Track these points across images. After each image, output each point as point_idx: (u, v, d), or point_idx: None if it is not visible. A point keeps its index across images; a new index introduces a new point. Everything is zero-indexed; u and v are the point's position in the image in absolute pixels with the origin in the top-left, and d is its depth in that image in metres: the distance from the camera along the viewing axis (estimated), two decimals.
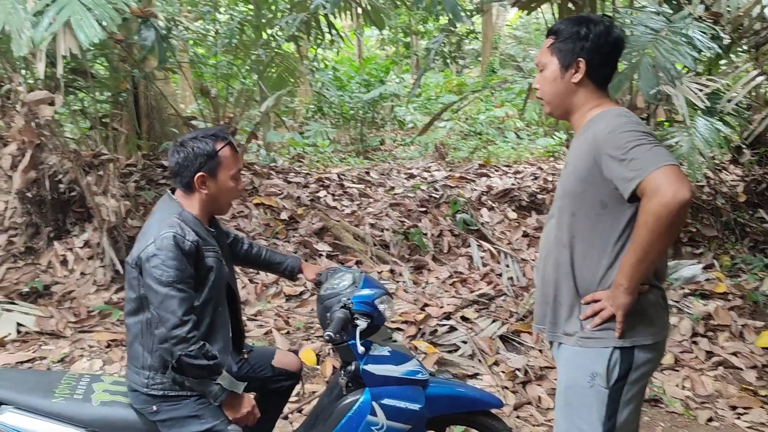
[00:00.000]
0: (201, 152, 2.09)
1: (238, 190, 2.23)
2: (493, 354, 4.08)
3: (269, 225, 5.56)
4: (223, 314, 2.20)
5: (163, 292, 1.96)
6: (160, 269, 1.97)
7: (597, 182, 1.81)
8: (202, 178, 2.10)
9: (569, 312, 1.93)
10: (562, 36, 1.93)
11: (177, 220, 2.05)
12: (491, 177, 6.99)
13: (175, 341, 1.94)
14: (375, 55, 21.28)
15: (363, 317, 2.18)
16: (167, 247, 1.98)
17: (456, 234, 5.87)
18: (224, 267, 2.21)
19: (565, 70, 1.92)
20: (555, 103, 1.99)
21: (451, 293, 4.95)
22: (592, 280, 1.87)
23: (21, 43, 3.51)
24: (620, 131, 1.77)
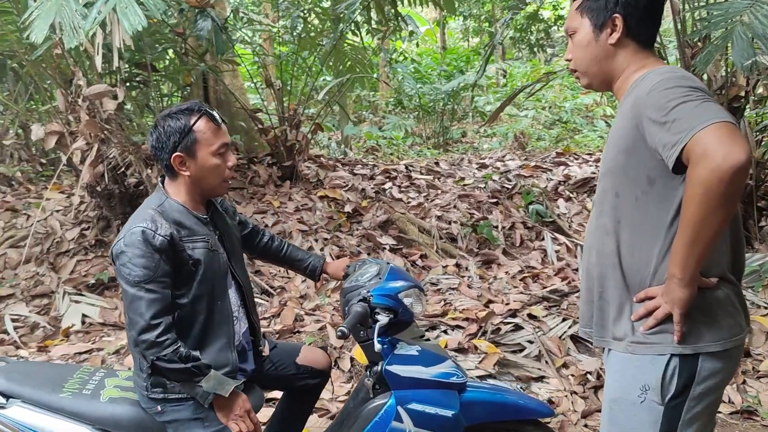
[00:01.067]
0: (173, 130, 1.90)
1: (226, 167, 1.98)
2: (562, 355, 3.73)
3: (332, 218, 5.42)
4: (223, 309, 2.02)
5: (131, 293, 1.80)
6: (127, 268, 1.81)
7: (641, 154, 1.49)
8: (179, 158, 1.92)
9: (618, 312, 1.61)
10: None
11: (152, 212, 1.89)
12: (570, 165, 6.53)
13: (145, 346, 1.78)
14: (459, 46, 20.86)
15: (384, 312, 1.95)
16: (135, 244, 1.81)
17: (529, 226, 5.51)
18: (220, 257, 2.02)
19: (600, 31, 1.62)
20: (592, 72, 1.68)
21: (519, 289, 4.62)
22: (643, 273, 1.55)
23: (72, 35, 3.51)
24: (662, 89, 1.44)
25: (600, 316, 1.67)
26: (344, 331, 1.80)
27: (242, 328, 2.15)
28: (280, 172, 5.84)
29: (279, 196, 5.66)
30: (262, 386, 2.36)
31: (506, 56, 22.55)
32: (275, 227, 5.24)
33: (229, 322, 2.04)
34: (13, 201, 5.68)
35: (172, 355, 1.79)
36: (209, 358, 1.94)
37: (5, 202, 5.65)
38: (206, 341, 1.98)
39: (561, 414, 3.34)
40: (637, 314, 1.55)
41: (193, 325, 1.94)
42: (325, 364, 2.39)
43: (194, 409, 1.89)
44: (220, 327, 2.01)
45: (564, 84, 12.99)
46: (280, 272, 4.85)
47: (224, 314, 2.03)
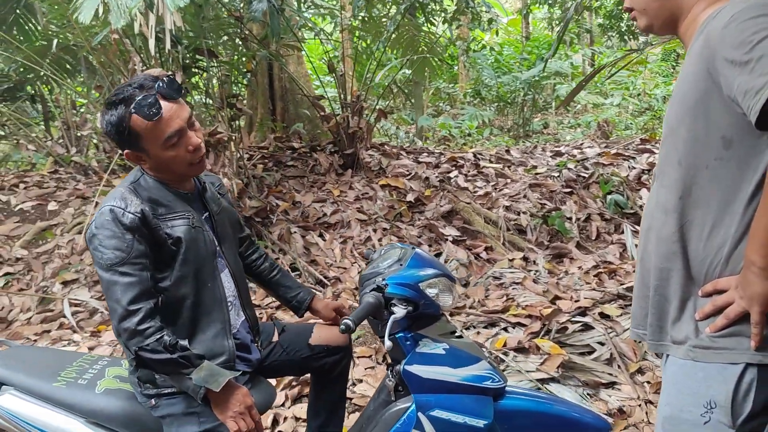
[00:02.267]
0: (112, 126, 1.68)
1: (187, 152, 1.73)
2: (637, 360, 3.33)
3: (393, 207, 5.18)
4: (215, 292, 1.82)
5: (106, 278, 1.63)
6: (99, 251, 1.64)
7: (714, 108, 1.16)
8: (130, 156, 1.73)
9: (679, 310, 1.28)
10: None
11: (123, 189, 1.71)
12: (655, 153, 5.96)
13: (127, 335, 1.61)
14: (544, 35, 20.10)
15: (402, 303, 1.68)
16: (104, 224, 1.64)
17: (607, 218, 5.05)
18: (205, 235, 1.82)
19: None
20: (653, 10, 1.35)
21: (592, 285, 4.20)
22: (713, 261, 1.22)
23: (119, 14, 3.45)
24: (742, 20, 1.10)
25: (656, 315, 1.34)
26: (349, 325, 1.54)
27: (240, 317, 1.96)
28: (341, 160, 5.66)
29: (339, 185, 5.48)
30: (276, 374, 2.17)
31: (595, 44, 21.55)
32: (334, 216, 5.07)
33: (222, 308, 1.84)
34: (84, 189, 5.79)
35: (155, 344, 1.60)
36: (203, 347, 1.75)
37: (77, 190, 5.77)
38: (198, 328, 1.79)
39: (632, 426, 2.96)
40: (702, 312, 1.22)
41: (180, 310, 1.76)
42: (342, 340, 2.16)
43: (188, 402, 1.71)
44: (212, 312, 1.81)
45: (655, 70, 12.13)
46: (336, 261, 4.66)
47: (216, 298, 1.83)
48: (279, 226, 4.80)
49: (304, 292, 2.24)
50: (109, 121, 1.69)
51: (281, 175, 5.47)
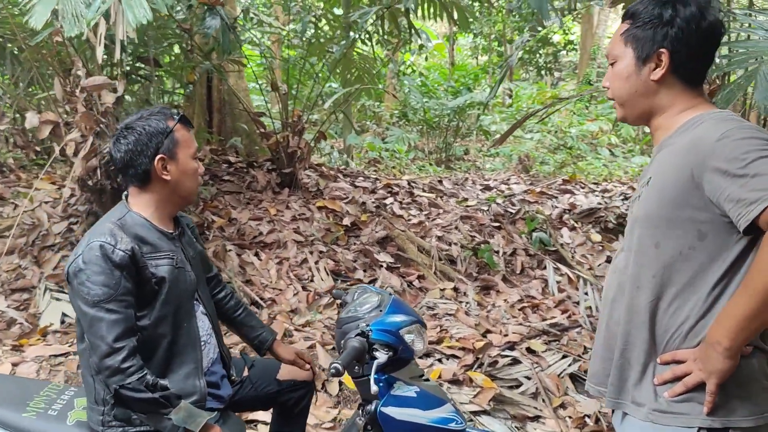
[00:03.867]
0: (155, 131, 1.80)
1: (199, 173, 1.92)
2: (560, 395, 3.56)
3: (330, 230, 5.25)
4: (190, 332, 1.86)
5: (91, 314, 1.64)
6: (86, 286, 1.65)
7: (694, 205, 1.34)
8: (162, 161, 1.80)
9: (640, 374, 1.45)
10: (640, 20, 1.47)
11: (111, 225, 1.74)
12: (576, 194, 6.38)
13: (108, 373, 1.62)
14: (467, 63, 20.82)
15: (383, 348, 1.78)
16: (93, 260, 1.66)
17: (531, 254, 5.35)
18: (187, 275, 1.87)
19: (642, 64, 1.47)
20: (630, 106, 1.53)
21: (518, 319, 4.45)
22: (675, 333, 1.40)
23: (73, 23, 3.36)
24: (736, 137, 1.28)
25: (618, 376, 1.50)
26: (338, 369, 1.62)
27: (213, 353, 2.00)
28: (279, 178, 5.67)
29: (276, 204, 5.49)
30: (243, 408, 2.22)
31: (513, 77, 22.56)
32: (270, 235, 5.07)
33: (195, 347, 1.88)
34: (1, 189, 5.49)
35: (137, 383, 1.63)
36: (175, 387, 1.78)
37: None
38: (171, 367, 1.82)
39: None
40: (662, 377, 1.39)
41: (156, 349, 1.78)
42: (306, 375, 2.26)
43: None
44: (185, 352, 1.85)
45: (571, 109, 12.88)
46: (272, 283, 4.67)
47: (191, 338, 1.87)
48: (214, 243, 4.76)
49: (266, 332, 2.30)
50: (151, 127, 1.80)
51: (217, 190, 5.42)
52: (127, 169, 1.82)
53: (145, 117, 1.84)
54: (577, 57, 22.25)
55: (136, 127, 1.81)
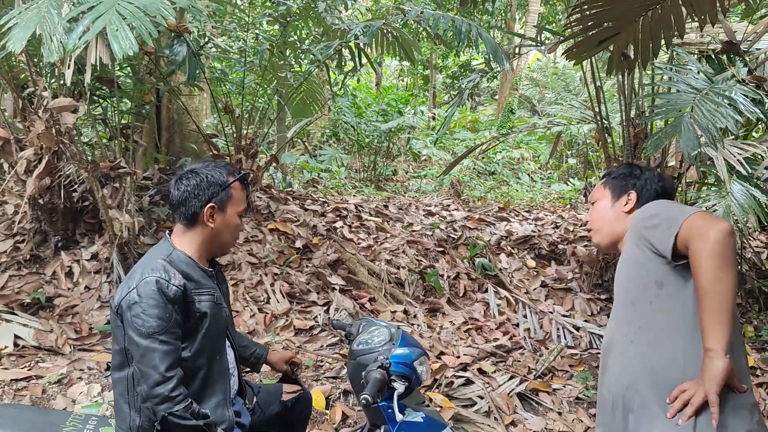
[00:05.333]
0: (214, 181, 1.99)
1: (241, 229, 2.13)
2: (510, 413, 3.88)
3: (283, 252, 5.39)
4: (221, 364, 2.03)
5: (144, 345, 1.78)
6: (140, 318, 1.80)
7: (646, 265, 1.78)
8: (211, 209, 1.98)
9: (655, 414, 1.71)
10: (615, 174, 2.11)
11: (163, 262, 1.90)
12: (511, 222, 6.82)
13: (158, 400, 1.77)
14: (393, 84, 21.33)
15: (401, 379, 2.01)
16: (149, 294, 1.81)
17: (473, 278, 5.69)
18: (224, 311, 2.05)
19: (616, 200, 2.05)
20: (604, 231, 2.07)
21: (467, 341, 4.76)
22: (673, 372, 1.70)
23: (52, 48, 3.38)
24: (649, 210, 1.87)
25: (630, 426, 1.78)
26: (368, 399, 1.83)
27: (236, 385, 2.17)
28: None
29: None
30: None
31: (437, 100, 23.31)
32: (224, 257, 5.15)
33: (225, 379, 2.05)
34: None
35: (184, 411, 1.78)
36: (212, 414, 1.93)
37: None
38: (204, 397, 1.97)
39: None
40: (673, 408, 1.65)
41: (193, 380, 1.93)
42: (304, 392, 2.47)
43: None
44: (217, 382, 2.01)
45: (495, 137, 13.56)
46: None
47: (222, 369, 2.04)
48: None
49: (259, 348, 2.49)
50: (213, 177, 1.98)
51: (168, 211, 5.43)
52: (179, 207, 1.98)
53: (211, 167, 2.02)
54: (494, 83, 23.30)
55: (200, 173, 1.99)
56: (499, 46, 4.39)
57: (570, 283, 5.74)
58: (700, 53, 5.09)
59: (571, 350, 4.74)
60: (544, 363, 4.45)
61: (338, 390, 3.87)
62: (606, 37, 3.33)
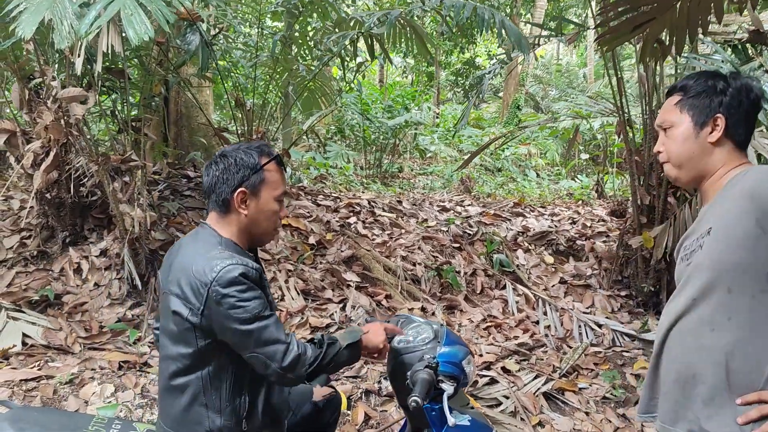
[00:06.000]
0: (244, 164, 1.82)
1: (281, 216, 1.95)
2: (537, 413, 3.74)
3: (296, 249, 5.25)
4: None
5: (256, 327, 1.68)
6: (239, 306, 1.67)
7: (760, 249, 1.50)
8: (242, 194, 1.82)
9: (710, 408, 1.57)
10: (694, 91, 1.71)
11: (223, 250, 1.77)
12: (527, 217, 6.68)
13: (294, 366, 1.71)
14: (396, 81, 21.18)
15: (449, 380, 1.87)
16: (233, 281, 1.68)
17: (490, 274, 5.55)
18: (272, 302, 1.93)
19: (700, 128, 1.68)
20: (686, 167, 1.72)
21: (487, 339, 4.62)
22: (753, 374, 1.53)
23: (63, 35, 3.24)
24: None
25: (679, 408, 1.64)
26: (418, 402, 1.70)
27: None
28: None
29: None
30: None
31: (440, 97, 23.16)
32: None
33: None
34: None
35: (313, 354, 1.75)
36: (277, 399, 1.91)
37: None
38: (264, 386, 1.88)
39: None
40: (747, 416, 1.50)
41: None
42: (336, 394, 2.36)
43: None
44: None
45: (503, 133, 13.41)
46: None
47: None
48: None
49: None
50: (242, 159, 1.81)
51: (179, 205, 5.29)
52: (210, 193, 1.85)
53: (241, 149, 1.85)
54: (497, 81, 23.16)
55: (229, 156, 1.84)
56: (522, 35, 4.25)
57: (589, 280, 5.60)
58: (725, 43, 4.97)
59: (595, 348, 4.60)
60: (568, 361, 4.31)
61: (359, 390, 3.74)
62: (641, 23, 3.19)
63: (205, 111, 5.86)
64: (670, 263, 5.10)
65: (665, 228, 4.86)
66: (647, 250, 5.08)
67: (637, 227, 5.15)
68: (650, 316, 5.05)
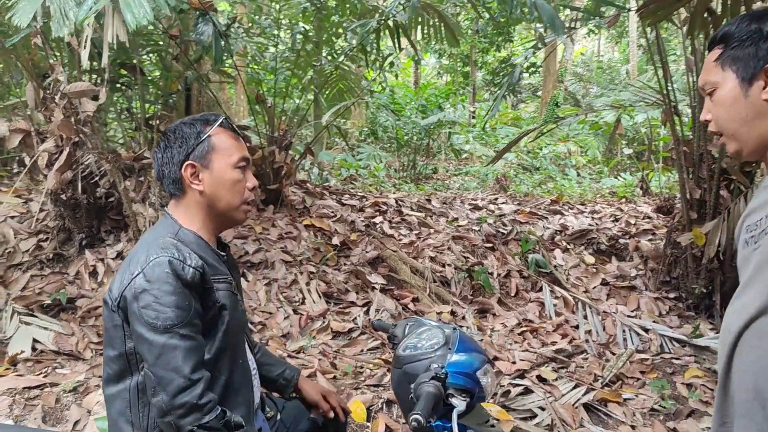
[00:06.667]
0: (186, 135, 1.59)
1: (247, 186, 1.64)
2: (576, 427, 3.40)
3: (319, 250, 5.01)
4: (244, 369, 1.63)
5: (161, 342, 1.39)
6: (153, 309, 1.40)
7: None
8: (191, 167, 1.57)
9: None
10: (736, 39, 1.31)
11: (172, 239, 1.51)
12: (565, 215, 6.30)
13: (183, 411, 1.37)
14: (431, 82, 20.90)
15: (460, 394, 1.57)
16: (161, 278, 1.42)
17: (525, 276, 5.21)
18: (240, 303, 1.65)
19: (749, 85, 1.29)
20: (743, 135, 1.32)
21: (522, 345, 4.29)
22: None
23: (62, 22, 3.07)
24: None
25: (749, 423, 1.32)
26: (420, 421, 1.40)
27: (257, 395, 1.76)
28: (264, 195, 5.41)
29: (261, 222, 5.22)
30: None
31: (476, 98, 22.77)
32: (257, 255, 4.80)
33: (249, 387, 1.64)
34: None
35: (215, 422, 1.39)
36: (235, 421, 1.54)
37: None
38: (227, 408, 1.57)
39: None
40: None
41: (213, 387, 1.51)
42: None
43: None
44: (240, 391, 1.60)
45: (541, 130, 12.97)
46: (261, 306, 4.40)
47: (245, 376, 1.63)
48: None
49: (290, 369, 2.04)
50: (183, 131, 1.60)
51: None
52: (162, 179, 1.62)
53: (183, 122, 1.64)
54: (535, 79, 22.63)
55: (170, 133, 1.61)
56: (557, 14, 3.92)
57: (634, 281, 5.21)
58: None
59: (641, 355, 4.22)
60: (611, 369, 3.95)
61: (380, 400, 3.46)
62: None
63: (226, 109, 5.67)
64: (724, 262, 4.69)
65: (718, 224, 4.46)
66: (698, 248, 4.67)
67: (687, 224, 4.76)
68: (702, 320, 4.64)
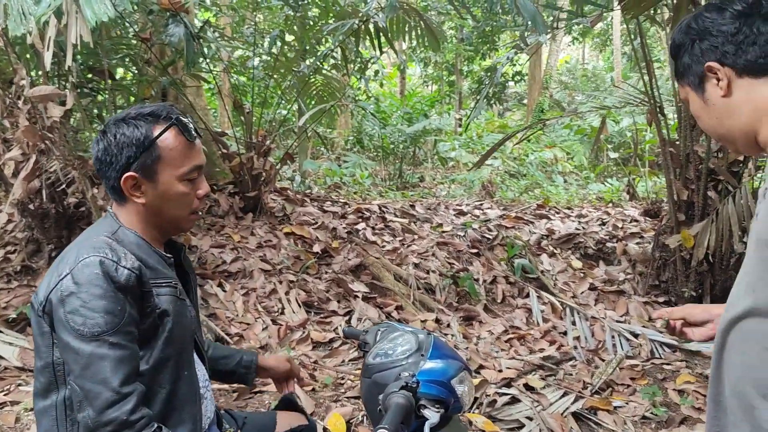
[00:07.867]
0: (129, 140, 1.38)
1: (195, 196, 1.47)
2: None
3: (299, 258, 4.86)
4: (190, 382, 1.46)
5: (87, 351, 1.24)
6: (80, 315, 1.25)
7: None
8: (131, 179, 1.39)
9: None
10: (677, 51, 1.30)
11: (107, 239, 1.35)
12: (552, 219, 6.19)
13: (111, 428, 1.22)
14: (416, 91, 20.83)
15: (433, 405, 1.42)
16: (90, 280, 1.27)
17: (511, 282, 5.08)
18: (189, 311, 1.49)
19: (703, 91, 1.26)
20: (728, 137, 1.28)
21: (509, 353, 4.15)
22: None
23: (19, 21, 2.92)
24: None
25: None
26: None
27: (211, 411, 1.61)
28: (242, 202, 5.26)
29: (240, 230, 5.06)
30: None
31: (462, 106, 22.75)
32: (234, 264, 4.64)
33: (195, 401, 1.48)
34: None
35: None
36: None
37: None
38: (168, 425, 1.41)
39: None
40: None
41: (153, 402, 1.36)
42: (304, 419, 1.91)
43: None
44: (184, 407, 1.44)
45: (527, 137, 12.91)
46: (239, 316, 4.24)
47: (191, 389, 1.47)
48: None
49: (246, 354, 1.87)
50: (125, 135, 1.37)
51: None
52: (101, 180, 1.44)
53: (128, 118, 1.42)
54: (521, 87, 22.64)
55: (110, 131, 1.41)
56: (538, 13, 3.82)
57: (622, 285, 5.09)
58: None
59: (631, 361, 4.09)
60: (601, 376, 3.82)
61: (361, 412, 3.31)
62: None
63: (203, 116, 5.53)
64: (714, 264, 4.59)
65: (706, 225, 4.36)
66: (687, 251, 4.57)
67: (675, 226, 4.66)
68: None
